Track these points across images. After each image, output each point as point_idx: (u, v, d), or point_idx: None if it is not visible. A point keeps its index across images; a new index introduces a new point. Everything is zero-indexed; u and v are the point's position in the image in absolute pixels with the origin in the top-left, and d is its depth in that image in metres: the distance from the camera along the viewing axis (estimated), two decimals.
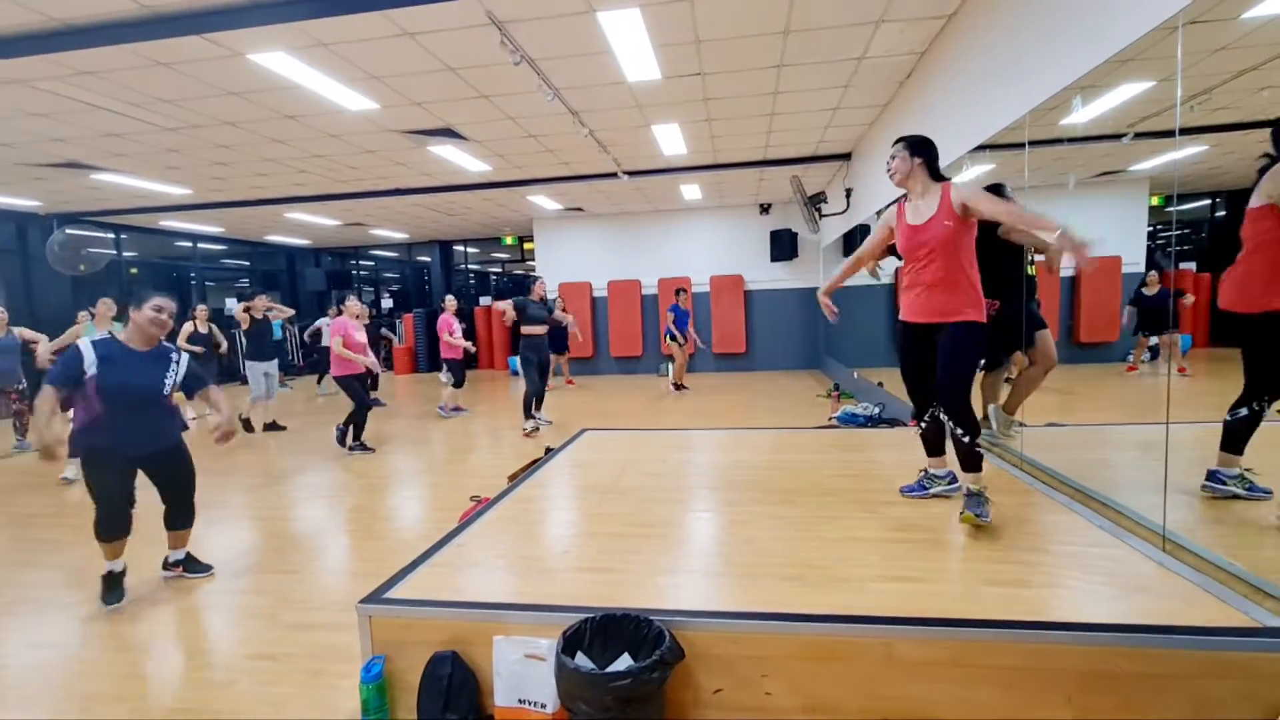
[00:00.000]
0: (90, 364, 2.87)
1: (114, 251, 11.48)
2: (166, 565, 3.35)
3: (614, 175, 8.45)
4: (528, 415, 6.64)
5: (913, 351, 2.67)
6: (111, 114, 5.41)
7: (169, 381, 3.06)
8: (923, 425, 2.75)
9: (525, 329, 6.57)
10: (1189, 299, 4.34)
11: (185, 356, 3.20)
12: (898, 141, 2.60)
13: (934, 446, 2.77)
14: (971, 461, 2.49)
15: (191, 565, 3.37)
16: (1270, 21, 2.66)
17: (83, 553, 3.67)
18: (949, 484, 2.75)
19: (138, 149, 6.51)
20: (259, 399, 7.24)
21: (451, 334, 7.80)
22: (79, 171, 7.32)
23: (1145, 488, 2.74)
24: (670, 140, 7.04)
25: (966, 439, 2.47)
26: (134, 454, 3.03)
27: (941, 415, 2.61)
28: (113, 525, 3.02)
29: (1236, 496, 2.32)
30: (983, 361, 3.72)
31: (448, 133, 6.41)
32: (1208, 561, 2.01)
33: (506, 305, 6.55)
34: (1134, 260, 5.34)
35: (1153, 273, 5.26)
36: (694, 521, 2.73)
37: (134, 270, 13.50)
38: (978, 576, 2.03)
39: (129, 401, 2.95)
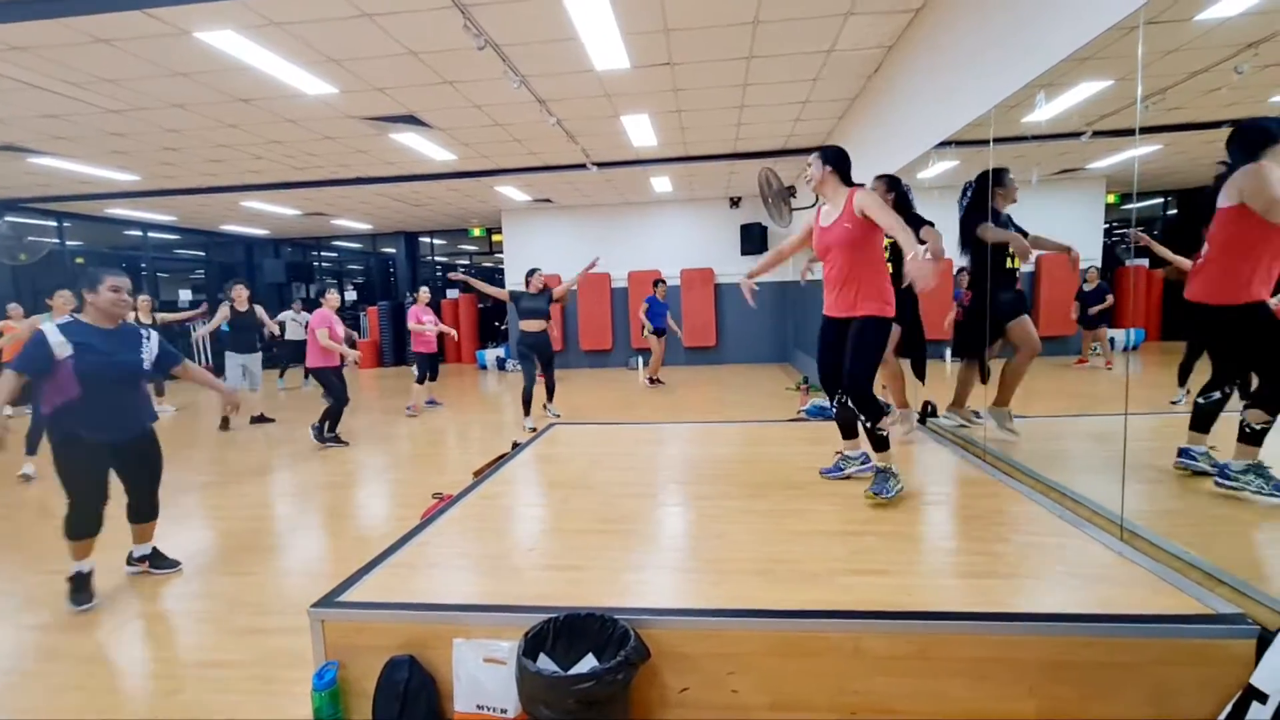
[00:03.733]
0: (60, 346, 2.76)
1: (57, 240, 10.92)
2: (131, 561, 3.26)
3: (583, 166, 8.34)
4: (527, 412, 6.51)
5: (825, 342, 2.89)
6: (50, 94, 5.10)
7: (146, 357, 2.99)
8: (833, 410, 3.00)
9: (522, 324, 6.49)
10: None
11: (155, 334, 3.11)
12: (814, 151, 2.86)
13: (846, 430, 3.02)
14: (877, 444, 2.71)
15: (158, 560, 3.28)
16: (1220, 25, 2.72)
17: (25, 556, 3.48)
18: (861, 464, 2.97)
19: (79, 132, 6.17)
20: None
21: (421, 323, 7.59)
22: (15, 155, 6.92)
23: (1104, 478, 2.80)
24: (640, 131, 6.97)
25: (869, 424, 2.70)
26: (111, 441, 2.92)
27: (848, 402, 2.80)
28: (86, 522, 2.91)
29: (1204, 473, 2.45)
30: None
31: (411, 120, 6.23)
32: (1164, 550, 2.05)
33: (503, 293, 6.65)
34: (1090, 256, 5.47)
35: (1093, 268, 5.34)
36: (663, 516, 2.69)
37: (79, 260, 12.89)
38: (943, 568, 2.03)
39: (111, 382, 2.87)
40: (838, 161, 2.80)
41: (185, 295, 13.25)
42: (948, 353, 6.28)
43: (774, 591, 1.91)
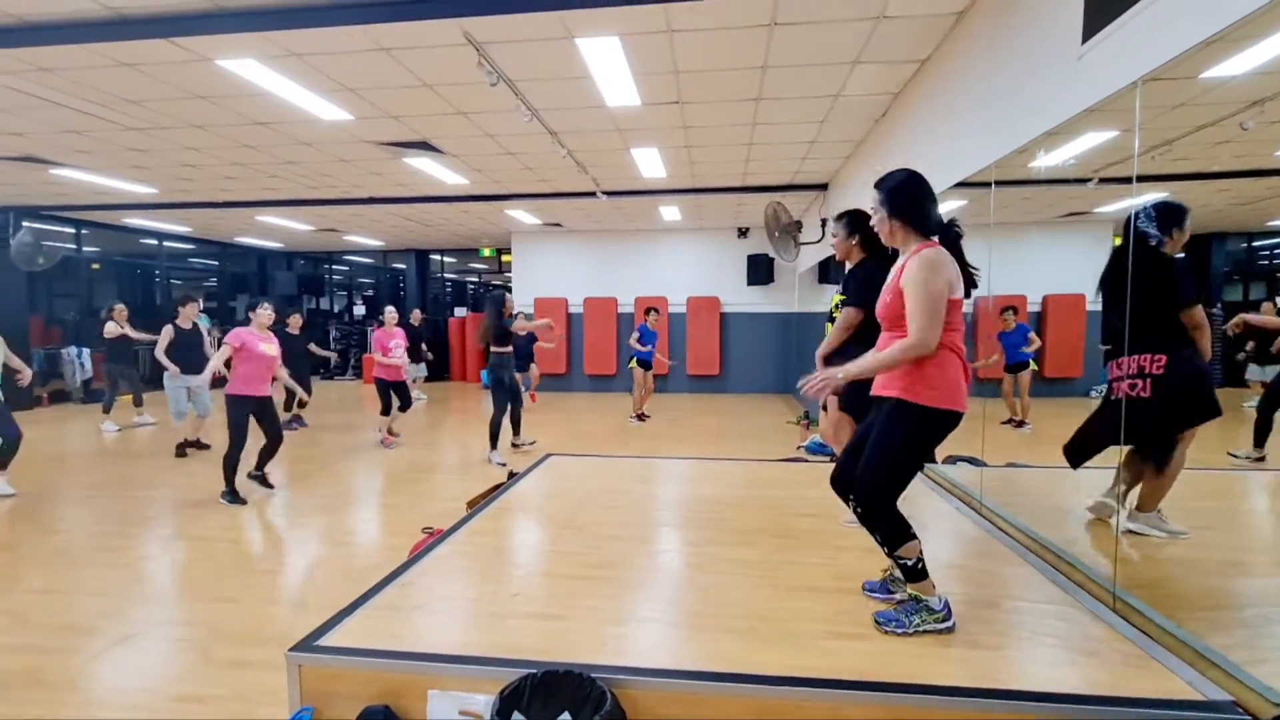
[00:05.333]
0: None
1: (74, 246, 11.11)
2: None
3: (593, 194, 8.44)
4: (494, 445, 6.24)
5: (864, 428, 2.19)
6: (72, 111, 5.23)
7: None
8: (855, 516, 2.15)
9: (494, 347, 6.34)
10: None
11: None
12: (878, 186, 2.13)
13: None
14: (906, 573, 2.02)
15: None
16: (1222, 84, 2.76)
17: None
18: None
19: (100, 147, 6.31)
20: (180, 416, 6.59)
21: (386, 354, 6.98)
22: (36, 166, 7.08)
23: (1098, 539, 2.76)
24: (649, 163, 7.06)
25: (886, 548, 2.01)
26: None
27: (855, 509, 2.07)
28: None
29: None
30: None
31: (424, 146, 6.34)
32: (1156, 624, 2.01)
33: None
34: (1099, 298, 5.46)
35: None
36: (649, 563, 2.66)
37: (96, 266, 13.10)
38: (929, 636, 2.00)
39: None
40: (908, 210, 2.04)
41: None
42: None
43: (754, 653, 1.89)
